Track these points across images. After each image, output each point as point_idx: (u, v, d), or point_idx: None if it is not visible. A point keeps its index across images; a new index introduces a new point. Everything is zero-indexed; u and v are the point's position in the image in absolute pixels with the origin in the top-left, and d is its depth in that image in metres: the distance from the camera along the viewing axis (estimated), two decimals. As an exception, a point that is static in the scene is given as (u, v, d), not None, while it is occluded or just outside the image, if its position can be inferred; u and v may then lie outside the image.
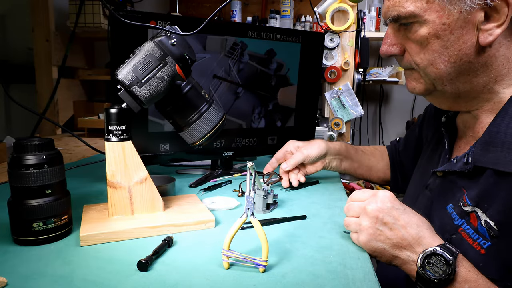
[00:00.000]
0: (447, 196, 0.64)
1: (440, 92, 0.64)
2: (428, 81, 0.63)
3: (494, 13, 0.56)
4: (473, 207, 0.57)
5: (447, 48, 0.58)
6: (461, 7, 0.55)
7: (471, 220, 0.57)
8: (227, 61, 1.03)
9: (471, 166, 0.58)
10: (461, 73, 0.60)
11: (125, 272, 0.54)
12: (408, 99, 2.55)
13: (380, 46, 0.67)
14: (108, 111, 0.67)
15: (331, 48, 1.85)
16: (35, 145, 0.60)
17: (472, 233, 0.57)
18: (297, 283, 0.52)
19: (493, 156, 0.56)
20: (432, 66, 0.60)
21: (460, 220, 0.59)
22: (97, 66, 2.25)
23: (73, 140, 1.69)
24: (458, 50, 0.58)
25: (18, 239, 0.62)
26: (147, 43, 0.66)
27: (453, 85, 0.61)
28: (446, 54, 0.59)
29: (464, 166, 0.60)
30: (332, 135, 1.74)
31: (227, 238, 0.57)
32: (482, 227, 0.55)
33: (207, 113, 0.72)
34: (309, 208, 0.85)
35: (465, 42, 0.57)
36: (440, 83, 0.62)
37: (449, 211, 0.62)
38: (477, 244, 0.56)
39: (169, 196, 0.84)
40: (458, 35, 0.57)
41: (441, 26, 0.57)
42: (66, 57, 1.75)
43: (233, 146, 1.11)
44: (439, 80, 0.61)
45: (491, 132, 0.58)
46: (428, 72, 0.62)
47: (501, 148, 0.55)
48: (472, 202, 0.58)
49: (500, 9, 0.55)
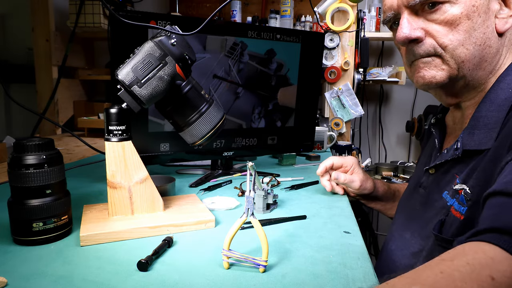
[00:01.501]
0: (441, 185, 0.66)
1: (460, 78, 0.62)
2: (454, 66, 0.61)
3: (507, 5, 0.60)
4: (461, 184, 0.60)
5: (475, 30, 0.59)
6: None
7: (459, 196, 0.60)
8: (227, 61, 1.03)
9: (460, 150, 0.61)
10: (482, 58, 0.61)
11: (125, 272, 0.54)
12: (408, 99, 2.55)
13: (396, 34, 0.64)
14: (108, 111, 0.67)
15: (331, 48, 1.85)
16: (35, 145, 0.60)
17: (458, 206, 0.59)
18: (297, 283, 0.52)
19: (477, 138, 0.59)
20: (462, 46, 0.60)
21: (451, 200, 0.62)
22: (97, 66, 2.25)
23: (73, 140, 1.69)
24: (483, 33, 0.60)
25: (18, 239, 0.62)
26: (147, 43, 0.66)
27: (473, 72, 0.62)
28: (474, 36, 0.60)
29: (454, 152, 0.63)
30: (332, 135, 1.74)
31: (227, 238, 0.57)
32: (461, 196, 0.58)
33: (207, 113, 0.72)
34: (309, 208, 0.85)
35: (488, 27, 0.60)
36: (466, 66, 0.61)
37: (444, 198, 0.64)
38: (459, 213, 0.58)
39: (169, 196, 0.84)
40: (484, 18, 0.59)
41: (471, 7, 0.59)
42: (66, 57, 1.75)
43: (233, 146, 1.11)
44: (467, 62, 0.61)
45: (475, 117, 0.61)
46: (457, 54, 0.60)
47: (484, 130, 0.58)
48: (460, 181, 0.60)
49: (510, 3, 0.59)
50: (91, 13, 1.81)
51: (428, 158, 0.76)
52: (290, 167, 1.31)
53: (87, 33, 1.92)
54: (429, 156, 0.75)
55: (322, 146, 1.64)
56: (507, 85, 0.59)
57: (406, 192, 0.84)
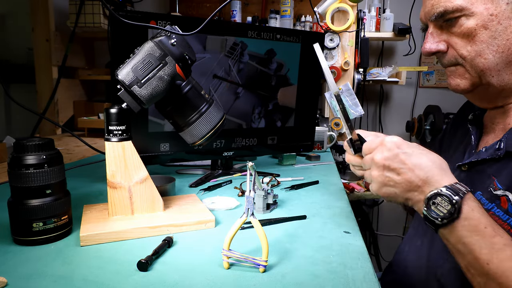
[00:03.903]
0: (475, 185, 0.64)
1: (484, 87, 0.63)
2: (475, 75, 0.63)
3: None
4: (504, 191, 0.58)
5: (495, 38, 0.59)
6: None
7: (502, 204, 0.58)
8: (227, 61, 1.03)
9: (503, 151, 0.59)
10: (509, 64, 0.61)
11: (125, 272, 0.54)
12: (408, 99, 2.55)
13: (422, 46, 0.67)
14: (108, 111, 0.67)
15: (331, 48, 1.85)
16: (35, 145, 0.60)
17: (502, 214, 0.57)
18: (297, 283, 0.52)
19: None
20: (480, 57, 0.61)
21: (490, 204, 0.60)
22: (97, 66, 2.25)
23: (73, 140, 1.69)
24: (506, 39, 0.59)
25: (18, 239, 0.62)
26: (147, 43, 0.66)
27: (500, 77, 0.62)
28: (495, 44, 0.60)
29: (495, 152, 0.61)
30: (332, 135, 1.74)
31: (227, 238, 0.57)
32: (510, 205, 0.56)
33: (207, 113, 0.72)
34: (309, 208, 0.85)
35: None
36: (488, 74, 0.62)
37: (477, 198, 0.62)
38: (507, 225, 0.56)
39: (169, 196, 0.84)
40: (506, 25, 0.58)
41: (489, 17, 0.58)
42: (66, 57, 1.75)
43: (233, 146, 1.11)
44: (487, 71, 0.61)
45: None
46: (476, 64, 0.62)
47: None
48: (503, 186, 0.58)
49: None
50: (91, 13, 1.81)
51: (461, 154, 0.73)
52: (290, 167, 1.31)
53: (87, 33, 1.92)
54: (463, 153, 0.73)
55: (322, 146, 1.64)
56: None
57: None
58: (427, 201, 0.53)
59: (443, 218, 0.52)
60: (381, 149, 0.58)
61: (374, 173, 0.59)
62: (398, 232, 2.55)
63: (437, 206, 0.52)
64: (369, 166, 0.61)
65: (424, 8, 0.66)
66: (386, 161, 0.57)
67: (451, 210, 0.51)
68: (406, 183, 0.56)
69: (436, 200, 0.52)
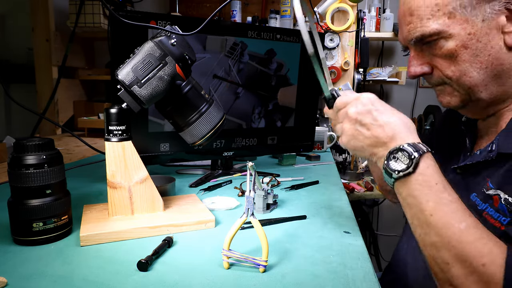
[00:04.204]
0: (470, 187, 0.64)
1: (475, 102, 0.64)
2: (463, 92, 0.64)
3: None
4: (496, 190, 0.58)
5: (477, 56, 0.60)
6: (483, 16, 0.57)
7: (494, 203, 0.58)
8: (227, 61, 1.03)
9: (495, 153, 0.59)
10: (495, 77, 0.61)
11: (125, 272, 0.54)
12: (408, 99, 2.55)
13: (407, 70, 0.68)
14: (108, 111, 0.67)
15: (331, 48, 1.85)
16: (35, 145, 0.60)
17: (494, 213, 0.58)
18: (297, 283, 0.52)
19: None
20: (465, 76, 0.62)
21: (483, 205, 0.60)
22: (97, 66, 2.25)
23: (73, 140, 1.69)
24: (488, 55, 0.59)
25: (18, 239, 0.62)
26: (147, 43, 0.66)
27: (488, 91, 0.62)
28: (477, 62, 0.60)
29: (488, 154, 0.61)
30: (332, 135, 1.74)
31: (227, 238, 0.57)
32: (502, 204, 0.57)
33: (207, 113, 0.72)
34: (309, 208, 0.85)
35: (493, 47, 0.59)
36: (476, 90, 0.62)
37: (472, 200, 0.63)
38: (498, 222, 0.57)
39: (169, 196, 0.84)
40: (485, 41, 0.59)
41: (467, 36, 0.59)
42: (66, 57, 1.74)
43: (233, 146, 1.11)
44: (475, 87, 0.62)
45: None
46: (462, 82, 0.62)
47: None
48: (495, 185, 0.59)
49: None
50: (91, 13, 1.81)
51: (455, 157, 0.74)
52: (290, 167, 1.31)
53: (87, 33, 1.91)
54: (457, 155, 0.73)
55: (322, 146, 1.64)
56: None
57: None
58: (389, 155, 0.56)
59: (399, 171, 0.54)
60: (355, 103, 0.60)
61: (345, 125, 0.61)
62: (398, 232, 2.55)
63: (397, 160, 0.55)
64: (342, 119, 0.62)
65: (402, 32, 0.66)
66: (359, 115, 0.59)
67: (409, 164, 0.53)
68: (374, 138, 0.58)
69: (397, 155, 0.55)
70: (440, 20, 0.59)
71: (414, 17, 0.61)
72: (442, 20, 0.59)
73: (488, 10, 0.57)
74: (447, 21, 0.59)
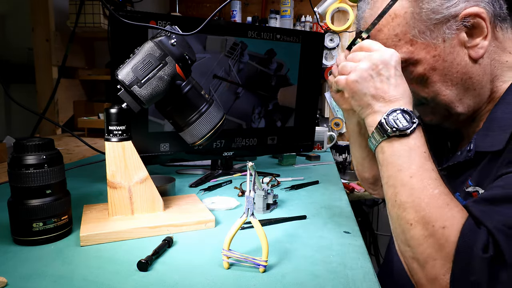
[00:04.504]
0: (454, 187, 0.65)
1: (455, 116, 0.66)
2: (442, 109, 0.66)
3: (474, 30, 0.59)
4: (475, 187, 0.59)
5: (446, 74, 0.61)
6: (443, 37, 0.59)
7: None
8: (227, 61, 1.03)
9: (473, 152, 0.61)
10: (467, 90, 0.63)
11: (125, 272, 0.54)
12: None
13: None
14: (108, 111, 0.67)
15: (331, 48, 1.85)
16: (35, 145, 0.60)
17: None
18: (297, 283, 0.52)
19: (490, 140, 0.58)
20: (439, 95, 0.63)
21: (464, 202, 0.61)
22: (97, 66, 2.25)
23: (73, 140, 1.69)
24: (456, 72, 0.61)
25: (18, 239, 0.62)
26: (147, 43, 0.66)
27: (464, 104, 0.64)
28: (448, 80, 0.62)
29: (467, 154, 0.62)
30: (332, 135, 1.74)
31: (227, 238, 0.57)
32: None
33: (207, 113, 0.72)
34: (309, 208, 0.85)
35: (459, 63, 0.61)
36: (452, 107, 0.64)
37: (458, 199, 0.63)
38: None
39: (169, 196, 0.84)
40: (451, 59, 0.60)
41: (433, 58, 0.61)
42: (66, 57, 1.74)
43: (233, 146, 1.11)
44: (451, 104, 0.64)
45: (490, 119, 0.61)
46: (438, 101, 0.64)
47: (498, 131, 0.58)
48: (474, 183, 0.60)
49: (479, 24, 0.58)
50: (91, 13, 1.81)
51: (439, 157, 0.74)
52: (290, 167, 1.31)
53: (87, 33, 1.91)
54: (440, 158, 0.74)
55: (322, 146, 1.64)
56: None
57: None
58: (391, 111, 0.56)
59: (398, 129, 0.55)
60: (383, 51, 0.59)
61: (362, 65, 0.59)
62: (398, 232, 2.54)
63: (397, 119, 0.55)
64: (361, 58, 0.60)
65: None
66: (381, 64, 0.58)
67: (408, 126, 0.54)
68: (381, 91, 0.58)
69: (398, 115, 0.55)
70: (403, 49, 0.61)
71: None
72: (406, 48, 0.61)
73: (446, 31, 0.59)
74: (410, 48, 0.61)
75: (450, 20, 0.58)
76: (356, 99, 0.60)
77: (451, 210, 0.50)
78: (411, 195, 0.53)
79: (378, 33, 0.63)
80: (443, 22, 0.58)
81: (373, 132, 0.58)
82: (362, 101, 0.60)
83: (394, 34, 0.61)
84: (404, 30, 0.60)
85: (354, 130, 0.81)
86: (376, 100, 0.58)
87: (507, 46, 0.62)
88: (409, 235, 0.52)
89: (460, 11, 0.57)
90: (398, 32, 0.61)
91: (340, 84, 0.62)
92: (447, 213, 0.50)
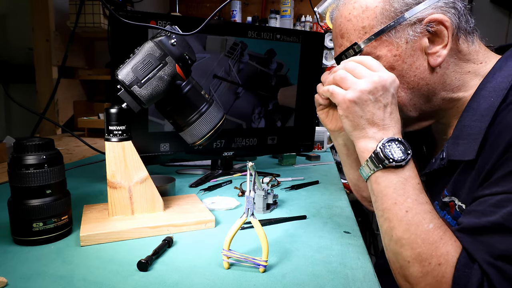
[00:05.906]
0: (433, 194, 0.66)
1: (407, 119, 0.66)
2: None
3: (436, 37, 0.59)
4: (450, 197, 0.60)
5: (403, 76, 0.61)
6: (406, 38, 0.60)
7: (450, 210, 0.60)
8: (227, 61, 1.03)
9: (446, 161, 0.61)
10: (422, 96, 0.63)
11: (125, 272, 0.54)
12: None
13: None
14: (108, 111, 0.67)
15: (331, 48, 1.85)
16: (35, 145, 0.60)
17: (451, 220, 0.59)
18: (297, 283, 0.52)
19: (462, 148, 0.58)
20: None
21: (442, 212, 0.62)
22: (97, 66, 2.25)
23: (73, 140, 1.69)
24: (413, 76, 0.61)
25: (18, 239, 0.62)
26: (147, 43, 0.66)
27: (417, 110, 0.65)
28: (404, 82, 0.62)
29: (440, 162, 0.63)
30: (332, 135, 1.74)
31: (227, 238, 0.57)
32: (457, 212, 0.58)
33: (207, 113, 0.72)
34: (309, 208, 0.85)
35: (418, 68, 0.61)
36: (405, 110, 0.64)
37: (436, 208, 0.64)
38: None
39: (169, 196, 0.84)
40: (410, 62, 0.61)
41: (393, 58, 0.61)
42: (66, 57, 1.74)
43: (233, 146, 1.11)
44: (404, 107, 0.64)
45: (459, 126, 0.61)
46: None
47: (468, 140, 0.58)
48: (449, 193, 0.60)
49: (441, 32, 0.59)
50: (91, 13, 1.81)
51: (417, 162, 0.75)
52: (290, 167, 1.31)
53: (87, 33, 1.91)
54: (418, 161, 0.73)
55: (322, 146, 1.64)
56: (488, 93, 0.58)
57: None
58: (387, 140, 0.56)
59: (394, 160, 0.55)
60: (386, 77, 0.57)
61: (362, 83, 0.57)
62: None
63: (392, 149, 0.56)
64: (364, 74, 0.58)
65: (335, 53, 0.69)
66: (382, 89, 0.57)
67: (404, 157, 0.55)
68: (377, 119, 0.57)
69: (392, 145, 0.56)
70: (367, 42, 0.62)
71: (344, 39, 0.64)
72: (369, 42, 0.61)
73: (410, 32, 0.59)
74: (374, 43, 0.61)
75: (416, 23, 0.59)
76: (350, 119, 0.59)
77: (445, 244, 0.51)
78: (407, 231, 0.53)
79: (347, 23, 0.63)
80: (409, 23, 0.59)
81: (367, 161, 0.58)
82: (355, 122, 0.59)
83: (362, 26, 0.62)
84: (371, 24, 0.61)
85: (342, 152, 0.81)
86: (371, 125, 0.58)
87: (471, 58, 0.62)
88: (407, 272, 0.53)
89: (427, 16, 0.58)
90: (365, 25, 0.61)
91: (336, 99, 0.60)
92: (442, 249, 0.51)
